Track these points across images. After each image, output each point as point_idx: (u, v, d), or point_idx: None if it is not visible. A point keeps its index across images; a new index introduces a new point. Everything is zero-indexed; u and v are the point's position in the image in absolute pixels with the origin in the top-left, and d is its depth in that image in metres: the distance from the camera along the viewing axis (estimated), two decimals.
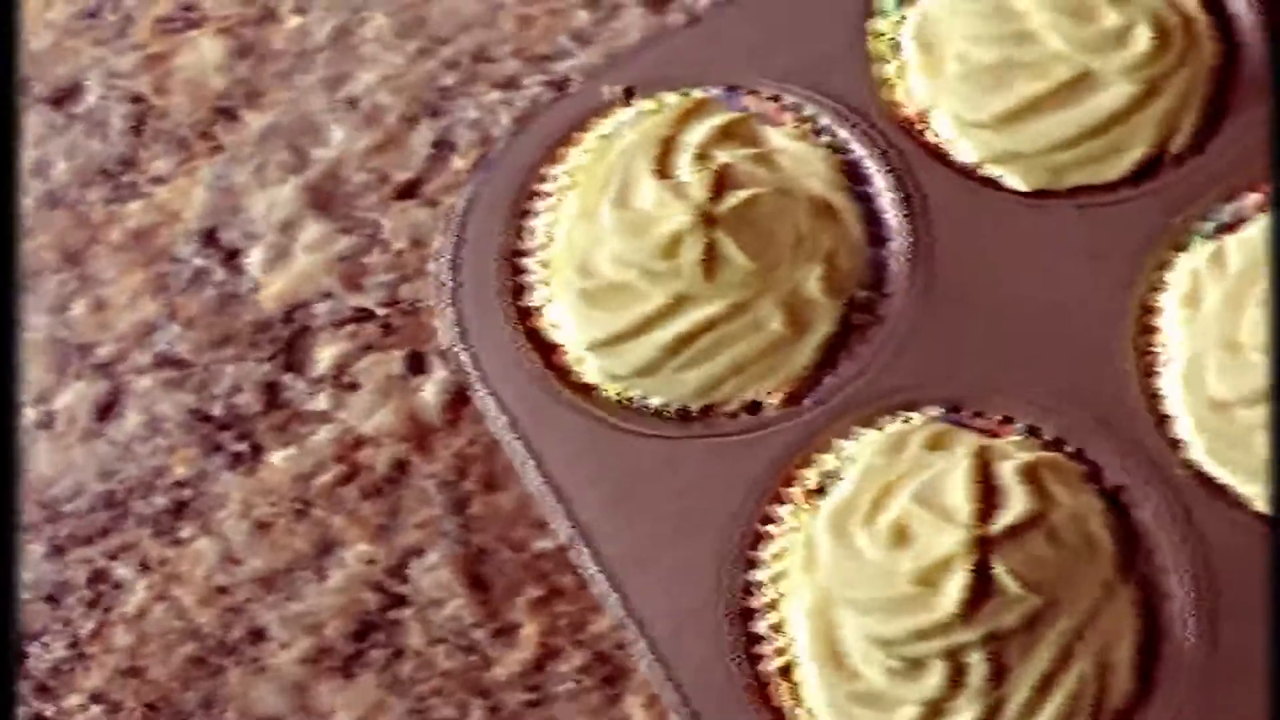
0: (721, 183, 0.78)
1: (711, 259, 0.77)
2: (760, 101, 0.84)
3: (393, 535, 0.83)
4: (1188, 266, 0.79)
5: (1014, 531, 0.71)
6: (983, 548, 0.71)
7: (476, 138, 0.91)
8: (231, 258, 0.90)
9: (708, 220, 0.77)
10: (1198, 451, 0.76)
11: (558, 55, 0.93)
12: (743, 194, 0.78)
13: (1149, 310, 0.79)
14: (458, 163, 0.91)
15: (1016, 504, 0.72)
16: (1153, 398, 0.77)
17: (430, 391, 0.86)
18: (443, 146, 0.91)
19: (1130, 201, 0.81)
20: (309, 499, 0.84)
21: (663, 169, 0.80)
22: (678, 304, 0.78)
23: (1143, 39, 0.81)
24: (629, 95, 0.85)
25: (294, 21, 0.95)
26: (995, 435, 0.76)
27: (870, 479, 0.75)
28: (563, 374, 0.80)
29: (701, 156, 0.80)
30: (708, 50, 0.86)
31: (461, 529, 0.83)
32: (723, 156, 0.80)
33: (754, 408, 0.79)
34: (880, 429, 0.77)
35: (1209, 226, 0.80)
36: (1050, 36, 0.81)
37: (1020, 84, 0.81)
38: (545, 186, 0.83)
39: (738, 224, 0.78)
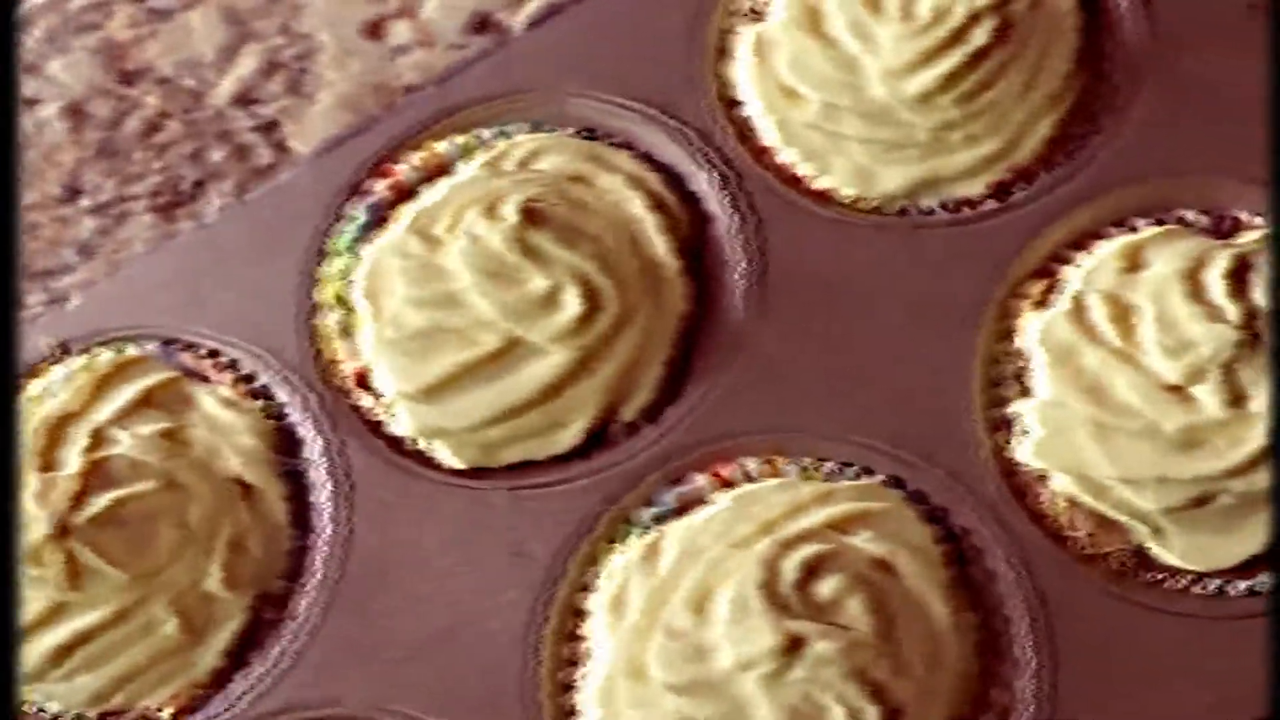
0: (89, 483, 0.69)
1: (74, 570, 0.68)
2: (197, 358, 0.75)
3: None
4: (620, 563, 0.68)
5: None
6: None
7: None
8: None
9: (65, 530, 0.68)
10: None
11: (59, 270, 0.83)
12: (106, 499, 0.68)
13: (577, 614, 0.69)
14: None
15: None
16: (570, 717, 0.67)
17: None
18: None
19: (566, 483, 0.70)
20: None
21: (47, 458, 0.70)
22: (56, 611, 0.69)
23: (571, 304, 0.70)
24: (64, 350, 0.76)
25: None
26: None
27: None
28: None
29: (96, 438, 0.71)
30: (154, 294, 0.76)
31: None
32: (122, 438, 0.71)
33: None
34: None
35: (648, 515, 0.69)
36: (476, 301, 0.70)
37: (447, 352, 0.71)
38: None
39: (102, 531, 0.68)
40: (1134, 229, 0.72)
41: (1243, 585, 0.67)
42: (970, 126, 0.72)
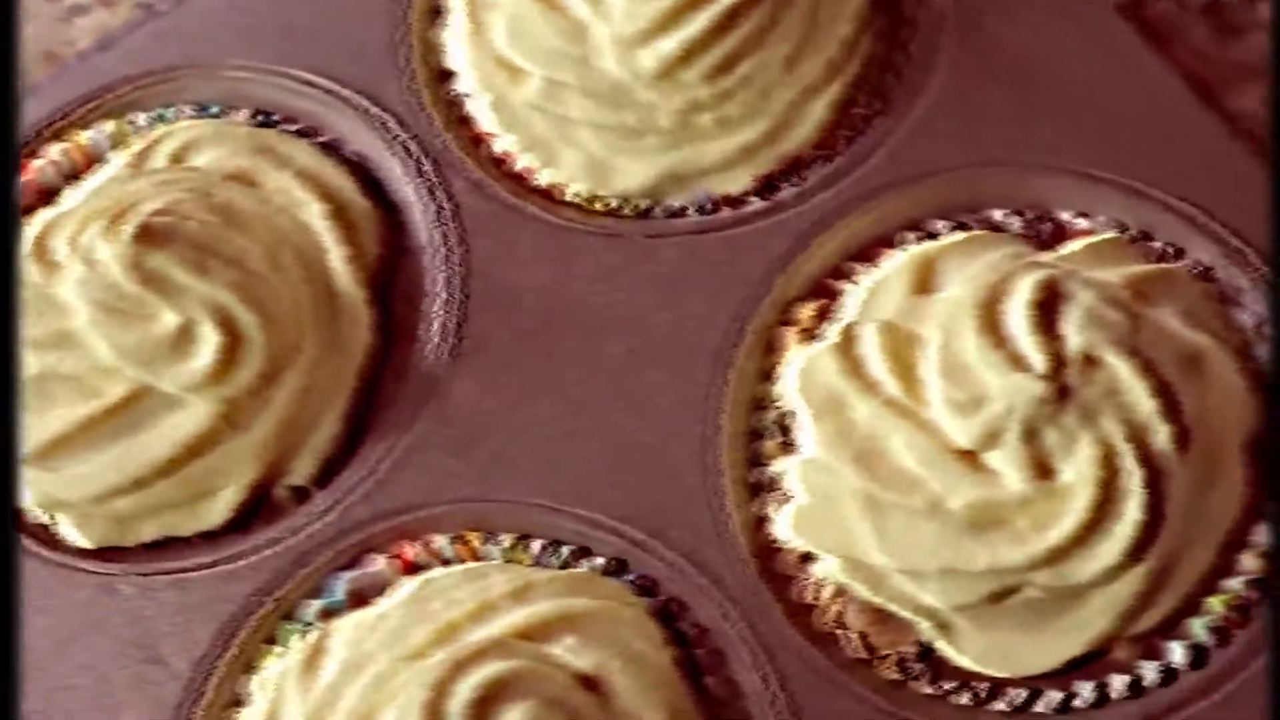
0: None
1: None
2: None
3: None
4: (275, 671, 0.53)
5: None
6: None
7: None
8: None
9: None
10: None
11: None
12: None
13: None
14: None
15: None
16: None
17: None
18: None
19: (211, 568, 0.55)
20: None
21: None
22: None
23: (208, 344, 0.53)
24: None
25: None
26: None
27: None
28: None
29: None
30: None
31: None
32: None
33: None
34: None
35: (315, 608, 0.54)
36: (96, 342, 0.54)
37: (63, 405, 0.55)
38: None
39: None
40: (932, 235, 0.56)
41: (1056, 697, 0.51)
42: (724, 108, 0.56)
